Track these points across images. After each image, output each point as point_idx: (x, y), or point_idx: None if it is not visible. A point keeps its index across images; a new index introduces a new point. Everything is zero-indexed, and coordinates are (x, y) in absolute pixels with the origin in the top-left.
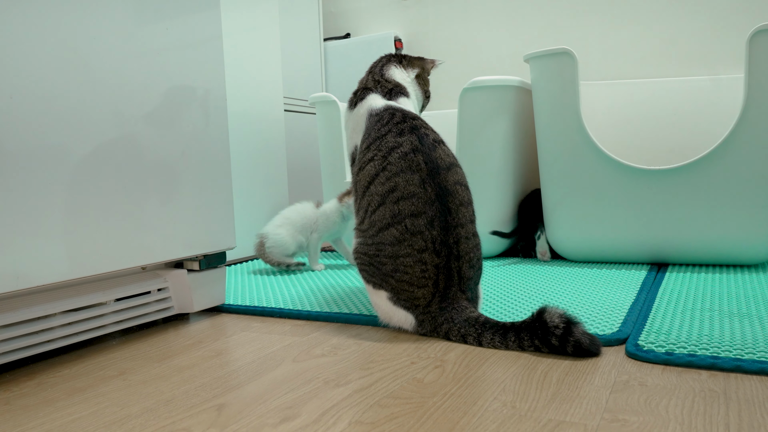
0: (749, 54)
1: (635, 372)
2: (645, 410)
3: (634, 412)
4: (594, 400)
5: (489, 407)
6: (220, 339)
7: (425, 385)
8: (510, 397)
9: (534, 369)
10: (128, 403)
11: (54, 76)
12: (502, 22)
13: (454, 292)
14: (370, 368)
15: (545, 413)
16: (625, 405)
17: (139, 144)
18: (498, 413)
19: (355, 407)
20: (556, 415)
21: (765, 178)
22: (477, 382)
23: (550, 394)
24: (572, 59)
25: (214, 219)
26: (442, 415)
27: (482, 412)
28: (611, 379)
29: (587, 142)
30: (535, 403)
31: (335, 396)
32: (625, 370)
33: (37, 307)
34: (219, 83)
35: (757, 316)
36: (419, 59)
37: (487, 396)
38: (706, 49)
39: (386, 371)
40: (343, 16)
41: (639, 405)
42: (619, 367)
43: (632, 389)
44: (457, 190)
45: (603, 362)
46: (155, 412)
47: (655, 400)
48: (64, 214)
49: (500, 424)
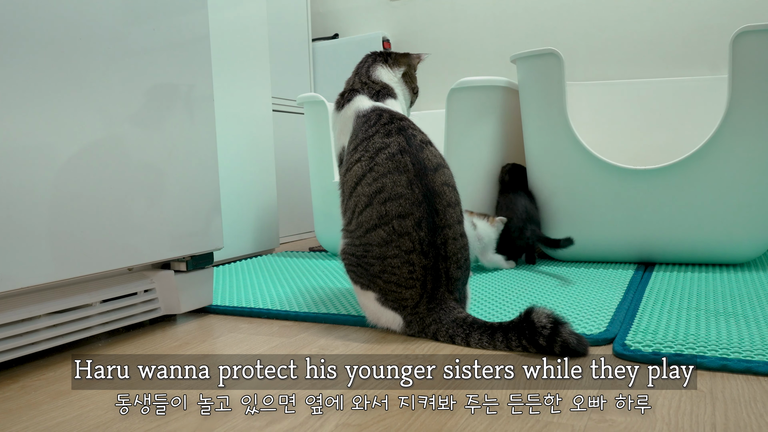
0: (733, 55)
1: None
2: (632, 410)
3: (622, 412)
4: (581, 400)
5: (477, 408)
6: (207, 340)
7: (413, 386)
8: (498, 397)
9: (521, 369)
10: (113, 406)
11: (38, 75)
12: (489, 23)
13: (441, 292)
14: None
15: (533, 414)
16: (613, 405)
17: (125, 144)
18: (485, 414)
19: (343, 409)
20: (544, 416)
21: (749, 178)
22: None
23: (538, 395)
24: (558, 60)
25: (202, 219)
26: (430, 416)
27: (470, 412)
28: (599, 379)
29: (574, 141)
30: (522, 404)
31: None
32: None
33: (22, 308)
34: (206, 83)
35: (742, 315)
36: (405, 56)
37: (474, 396)
38: (691, 50)
39: (374, 372)
40: (332, 16)
41: (626, 405)
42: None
43: (619, 389)
44: (444, 191)
45: (590, 362)
46: (140, 415)
47: (642, 400)
48: (49, 215)
49: (488, 425)
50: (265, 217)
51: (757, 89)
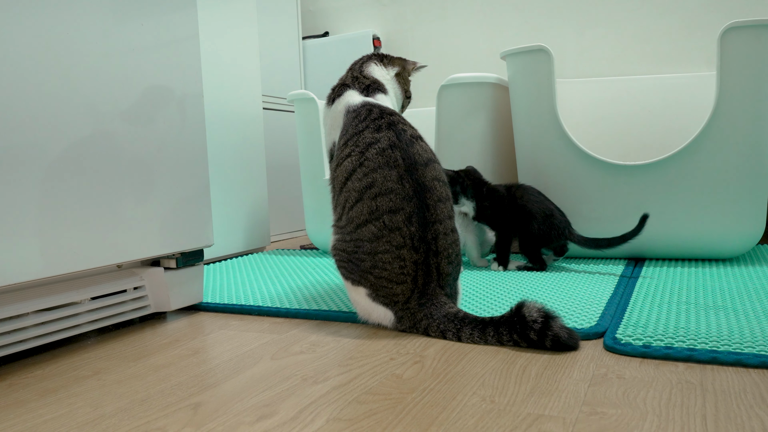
0: (720, 51)
1: (613, 365)
2: (623, 403)
3: (613, 404)
4: (572, 393)
5: (468, 402)
6: (197, 337)
7: (404, 381)
8: (489, 391)
9: (513, 363)
10: (102, 403)
11: (28, 73)
12: (479, 20)
13: (433, 288)
14: (348, 365)
15: (524, 407)
16: (604, 398)
17: (114, 141)
18: (477, 408)
19: (334, 404)
20: (535, 409)
21: (738, 173)
22: (456, 378)
23: (529, 388)
24: (548, 56)
25: (191, 216)
26: (421, 411)
27: (461, 407)
28: (590, 373)
29: (564, 138)
30: (514, 398)
31: (313, 393)
32: (604, 363)
33: (10, 306)
34: (196, 81)
35: (732, 308)
36: (400, 59)
37: (466, 391)
38: (680, 47)
39: (365, 368)
40: (322, 14)
41: (617, 398)
42: (598, 361)
43: (610, 382)
44: (434, 185)
45: (581, 356)
46: (129, 412)
47: (632, 392)
48: (38, 211)
49: (479, 418)
50: (255, 215)
51: (744, 85)
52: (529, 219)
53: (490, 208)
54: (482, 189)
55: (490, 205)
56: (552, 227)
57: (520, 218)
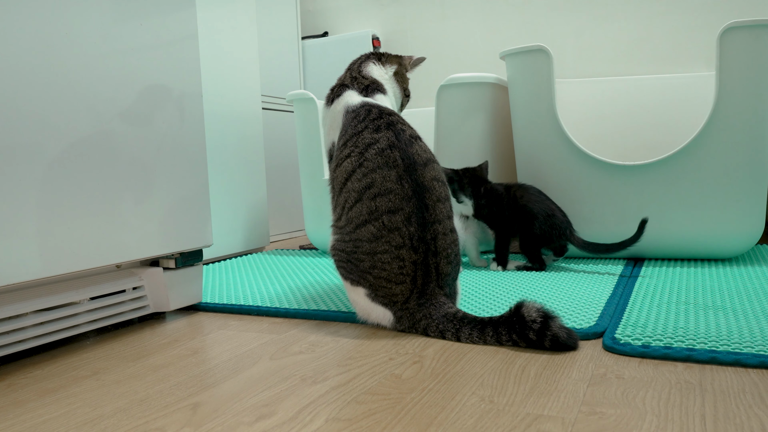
0: (720, 51)
1: (612, 365)
2: (622, 403)
3: (612, 404)
4: (572, 393)
5: (467, 402)
6: (196, 337)
7: (403, 381)
8: (488, 391)
9: (512, 363)
10: (101, 404)
11: (27, 72)
12: (478, 20)
13: (432, 288)
14: (347, 365)
15: (523, 407)
16: (603, 398)
17: (113, 141)
18: (476, 408)
19: (333, 404)
20: (534, 409)
21: (737, 173)
22: (455, 378)
23: (528, 388)
24: (547, 56)
25: (191, 216)
26: (420, 411)
27: (460, 407)
28: (588, 373)
29: (563, 137)
30: (513, 398)
31: (312, 393)
32: (603, 363)
33: (9, 306)
34: (195, 81)
35: (731, 308)
36: (397, 56)
37: (465, 391)
38: (679, 47)
39: (364, 368)
40: (321, 14)
41: (616, 398)
42: (597, 361)
43: (609, 382)
44: (434, 186)
45: (580, 356)
46: (128, 412)
47: (632, 392)
48: (37, 211)
49: (478, 418)
50: (254, 215)
51: (744, 85)
52: (531, 219)
53: (487, 207)
54: (481, 188)
55: (486, 204)
56: (553, 227)
57: (522, 218)
